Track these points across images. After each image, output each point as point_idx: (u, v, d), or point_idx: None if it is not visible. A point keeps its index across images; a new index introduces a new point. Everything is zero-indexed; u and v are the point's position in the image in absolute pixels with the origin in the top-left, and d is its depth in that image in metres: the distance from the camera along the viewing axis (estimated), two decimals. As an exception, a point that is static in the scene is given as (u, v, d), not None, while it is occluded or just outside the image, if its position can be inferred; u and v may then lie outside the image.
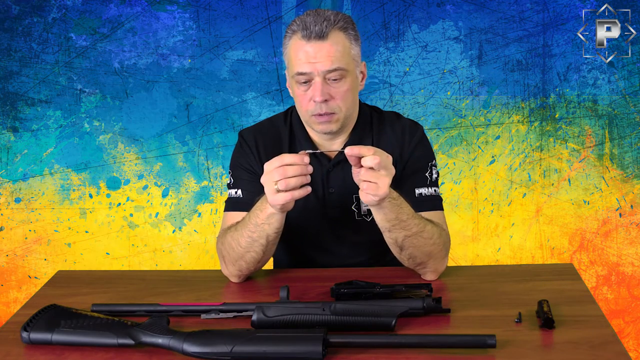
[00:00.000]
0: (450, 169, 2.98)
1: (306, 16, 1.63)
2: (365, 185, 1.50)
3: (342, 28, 1.64)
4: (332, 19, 1.63)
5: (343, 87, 1.65)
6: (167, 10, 2.93)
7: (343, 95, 1.66)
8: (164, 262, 3.04)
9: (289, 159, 1.51)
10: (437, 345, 1.30)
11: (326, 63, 1.62)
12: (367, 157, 1.48)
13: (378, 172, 1.49)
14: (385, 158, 1.50)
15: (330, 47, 1.62)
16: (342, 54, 1.63)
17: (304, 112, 1.69)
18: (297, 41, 1.64)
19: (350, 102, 1.69)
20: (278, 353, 1.26)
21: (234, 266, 1.68)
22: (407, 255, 1.63)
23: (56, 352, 1.34)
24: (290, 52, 1.66)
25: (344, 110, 1.68)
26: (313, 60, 1.62)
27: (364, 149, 1.49)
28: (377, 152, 1.49)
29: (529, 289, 1.59)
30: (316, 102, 1.64)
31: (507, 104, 2.95)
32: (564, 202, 2.98)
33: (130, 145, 3.00)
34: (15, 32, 2.93)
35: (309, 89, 1.65)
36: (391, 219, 1.57)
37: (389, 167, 1.51)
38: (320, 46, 1.61)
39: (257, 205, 1.62)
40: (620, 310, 3.00)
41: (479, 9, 2.90)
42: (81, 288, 1.68)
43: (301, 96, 1.67)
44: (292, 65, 1.66)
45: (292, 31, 1.65)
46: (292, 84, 1.70)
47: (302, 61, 1.63)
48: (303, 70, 1.63)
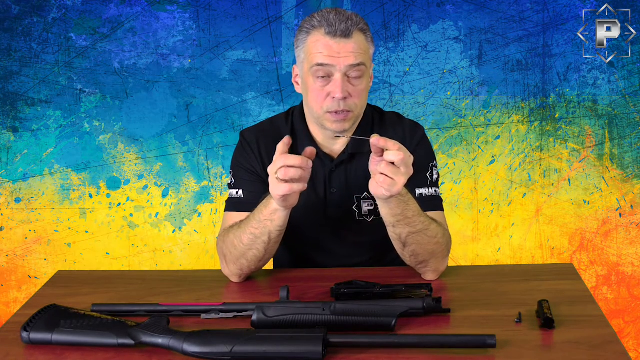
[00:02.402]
0: (450, 169, 2.98)
1: (327, 13, 1.63)
2: (382, 179, 1.48)
3: (362, 30, 1.65)
4: (354, 19, 1.64)
5: (361, 86, 1.65)
6: (167, 10, 2.93)
7: (360, 94, 1.66)
8: (164, 262, 3.04)
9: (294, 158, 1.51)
10: (437, 345, 1.30)
11: (350, 58, 1.62)
12: (392, 151, 1.47)
13: (398, 169, 1.48)
14: (408, 157, 1.49)
15: (354, 45, 1.62)
16: (363, 52, 1.64)
17: (318, 108, 1.67)
18: (320, 37, 1.63)
19: (364, 101, 1.70)
20: (278, 353, 1.26)
21: (235, 265, 1.68)
22: (409, 252, 1.63)
23: (56, 352, 1.34)
24: (310, 45, 1.64)
25: (359, 109, 1.68)
26: (337, 55, 1.62)
27: (390, 143, 1.47)
28: (401, 148, 1.48)
29: (529, 289, 1.59)
30: (335, 98, 1.63)
31: (507, 104, 2.95)
32: (564, 202, 2.98)
33: (130, 145, 3.00)
34: (15, 32, 2.93)
35: (328, 84, 1.64)
36: (397, 214, 1.57)
37: (409, 166, 1.49)
38: (345, 43, 1.62)
39: (262, 202, 1.62)
40: (620, 310, 3.00)
41: (479, 9, 2.90)
42: (81, 288, 1.68)
43: (317, 91, 1.65)
44: (311, 58, 1.64)
45: (312, 27, 1.64)
46: (306, 79, 1.67)
47: (325, 54, 1.62)
48: (325, 62, 1.62)
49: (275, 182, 1.51)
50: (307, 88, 1.68)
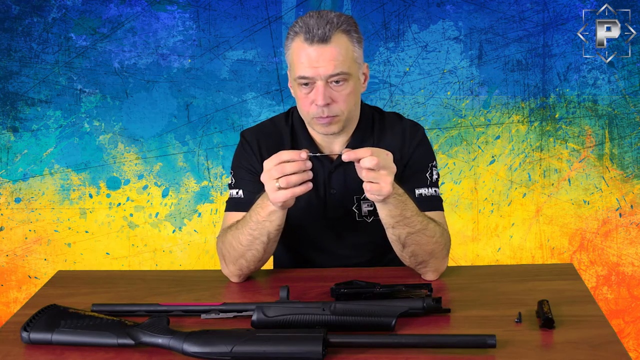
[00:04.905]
0: (450, 169, 2.98)
1: (309, 18, 1.61)
2: (369, 186, 1.51)
3: (345, 31, 1.62)
4: (335, 22, 1.61)
5: (345, 91, 1.64)
6: (167, 10, 2.93)
7: (345, 99, 1.65)
8: (164, 262, 3.04)
9: (287, 156, 1.51)
10: (437, 345, 1.30)
11: (328, 67, 1.60)
12: (365, 158, 1.48)
13: (378, 172, 1.49)
14: (385, 157, 1.50)
15: (333, 51, 1.60)
16: (344, 58, 1.62)
17: (305, 114, 1.69)
18: (300, 44, 1.62)
19: (352, 104, 1.68)
20: (278, 353, 1.26)
21: (234, 265, 1.68)
22: (409, 253, 1.63)
23: (56, 352, 1.34)
24: (293, 54, 1.64)
25: (346, 113, 1.67)
26: (315, 65, 1.60)
27: (361, 152, 1.49)
28: (374, 152, 1.49)
29: (529, 289, 1.59)
30: (318, 105, 1.63)
31: (507, 104, 2.95)
32: (564, 202, 2.98)
33: (130, 145, 3.00)
34: (15, 32, 2.93)
35: (311, 92, 1.64)
36: (395, 215, 1.57)
37: (389, 166, 1.51)
38: (322, 50, 1.60)
39: (257, 202, 1.62)
40: (620, 310, 3.00)
41: (479, 9, 2.90)
42: (81, 288, 1.68)
43: (303, 99, 1.66)
44: (294, 68, 1.65)
45: (295, 33, 1.63)
46: (294, 86, 1.69)
47: (305, 65, 1.61)
48: (305, 74, 1.61)
49: (274, 190, 1.52)
50: (296, 94, 1.70)
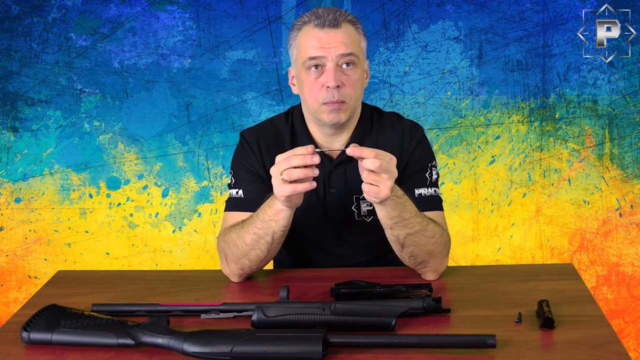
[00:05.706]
0: (450, 169, 2.98)
1: (316, 9, 1.68)
2: (367, 188, 1.50)
3: (352, 22, 1.69)
4: (343, 12, 1.68)
5: (354, 76, 1.67)
6: (167, 10, 2.93)
7: (354, 84, 1.67)
8: (164, 262, 3.04)
9: (301, 151, 1.51)
10: (437, 345, 1.30)
11: (340, 48, 1.64)
12: (368, 160, 1.48)
13: (379, 176, 1.49)
14: (389, 160, 1.49)
15: (343, 34, 1.65)
16: (353, 42, 1.67)
17: (314, 101, 1.68)
18: (310, 30, 1.66)
19: (359, 92, 1.70)
20: (278, 353, 1.26)
21: (236, 264, 1.67)
22: (408, 253, 1.63)
23: (56, 352, 1.34)
24: (301, 40, 1.68)
25: (354, 100, 1.69)
26: (327, 46, 1.64)
27: (366, 151, 1.48)
28: (378, 155, 1.48)
29: (529, 289, 1.59)
30: (329, 87, 1.64)
31: (507, 104, 2.95)
32: (564, 202, 2.98)
33: (130, 145, 3.00)
34: (15, 32, 2.93)
35: (321, 75, 1.66)
36: (393, 217, 1.57)
37: (391, 170, 1.50)
38: (334, 33, 1.65)
39: (266, 202, 1.62)
40: (620, 310, 3.00)
41: (479, 9, 2.90)
42: (81, 288, 1.68)
43: (312, 84, 1.67)
44: (303, 52, 1.67)
45: (303, 22, 1.68)
46: (300, 75, 1.69)
47: (315, 47, 1.65)
48: (316, 54, 1.64)
49: (279, 183, 1.52)
50: (302, 83, 1.69)
